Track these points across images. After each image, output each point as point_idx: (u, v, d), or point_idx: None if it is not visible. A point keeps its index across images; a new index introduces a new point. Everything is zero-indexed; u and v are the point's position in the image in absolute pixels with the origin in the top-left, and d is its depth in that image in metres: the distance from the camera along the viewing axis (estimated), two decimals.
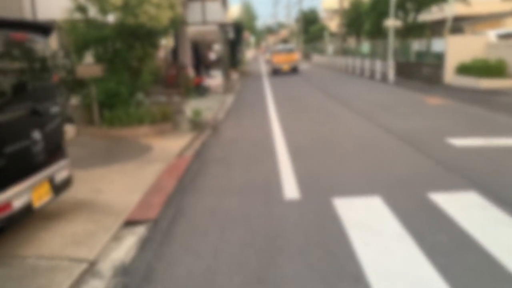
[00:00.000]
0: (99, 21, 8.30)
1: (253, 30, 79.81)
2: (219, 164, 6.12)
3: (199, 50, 17.74)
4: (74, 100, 8.56)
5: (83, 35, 7.84)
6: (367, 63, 22.31)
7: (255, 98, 14.78)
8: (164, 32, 8.49)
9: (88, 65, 8.12)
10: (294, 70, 26.63)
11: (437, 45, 17.54)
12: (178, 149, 7.11)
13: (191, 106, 10.07)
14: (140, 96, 8.97)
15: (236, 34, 25.20)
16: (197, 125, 8.97)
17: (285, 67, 26.08)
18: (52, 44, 10.17)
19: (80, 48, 8.13)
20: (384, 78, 19.38)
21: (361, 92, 15.22)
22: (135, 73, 8.74)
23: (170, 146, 7.35)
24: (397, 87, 16.40)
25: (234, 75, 23.30)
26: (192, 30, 16.26)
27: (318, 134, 7.96)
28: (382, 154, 6.28)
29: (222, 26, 19.37)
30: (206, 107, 12.28)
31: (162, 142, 7.71)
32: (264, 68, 34.36)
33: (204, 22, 17.76)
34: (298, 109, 11.46)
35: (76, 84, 8.31)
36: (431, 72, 17.51)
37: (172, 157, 6.61)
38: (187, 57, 13.79)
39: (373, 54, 25.96)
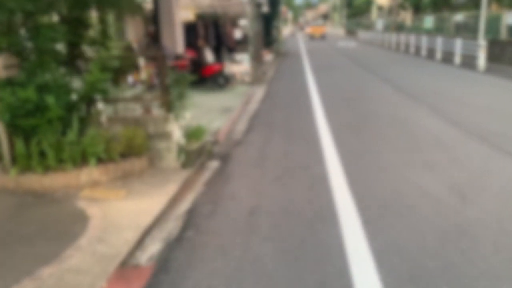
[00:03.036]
0: None
1: (290, 5, 74.34)
2: None
3: (219, 27, 13.64)
4: None
5: None
6: (439, 42, 17.33)
7: (294, 93, 10.60)
8: None
9: None
10: (322, 37, 41.83)
11: None
12: (134, 235, 3.27)
13: (200, 104, 6.20)
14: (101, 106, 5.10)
15: (272, 8, 21.06)
16: (192, 156, 5.09)
17: (317, 35, 42.47)
18: None
19: None
20: (468, 63, 14.57)
21: (451, 87, 10.59)
22: (81, 69, 4.88)
23: (124, 220, 3.53)
24: (499, 78, 11.66)
25: (268, 56, 19.13)
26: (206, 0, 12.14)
27: (435, 215, 3.78)
28: None
29: None
30: (222, 107, 8.38)
31: (114, 204, 3.87)
32: (303, 47, 29.72)
33: None
34: (364, 123, 7.08)
35: None
36: None
37: (106, 274, 2.75)
38: (175, 39, 9.37)
39: (438, 31, 21.25)
